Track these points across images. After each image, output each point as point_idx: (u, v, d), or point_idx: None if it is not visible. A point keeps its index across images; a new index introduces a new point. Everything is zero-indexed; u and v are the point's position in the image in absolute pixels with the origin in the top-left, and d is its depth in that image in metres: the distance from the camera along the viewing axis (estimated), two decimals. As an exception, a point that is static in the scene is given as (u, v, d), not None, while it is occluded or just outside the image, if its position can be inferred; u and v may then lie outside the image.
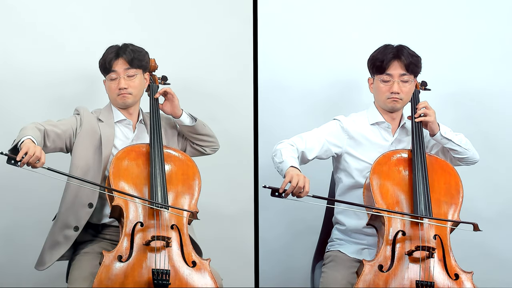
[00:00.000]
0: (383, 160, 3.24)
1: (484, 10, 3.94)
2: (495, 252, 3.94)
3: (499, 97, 3.94)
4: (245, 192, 3.90)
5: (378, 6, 3.95)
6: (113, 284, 2.96)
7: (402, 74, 3.29)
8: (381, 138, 3.36)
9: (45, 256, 3.25)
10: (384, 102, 3.33)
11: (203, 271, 3.08)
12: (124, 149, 3.23)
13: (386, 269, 3.06)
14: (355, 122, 3.37)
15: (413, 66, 3.29)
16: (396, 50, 3.30)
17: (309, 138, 3.29)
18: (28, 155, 2.95)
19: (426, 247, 3.06)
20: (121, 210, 3.09)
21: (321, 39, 3.93)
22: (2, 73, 3.70)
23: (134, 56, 3.27)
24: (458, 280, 3.08)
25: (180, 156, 3.31)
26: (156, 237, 3.03)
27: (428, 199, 3.16)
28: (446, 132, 3.33)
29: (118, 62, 3.28)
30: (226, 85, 3.91)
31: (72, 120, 3.30)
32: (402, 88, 3.29)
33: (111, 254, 3.02)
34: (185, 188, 3.22)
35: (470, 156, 3.39)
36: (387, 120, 3.36)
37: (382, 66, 3.29)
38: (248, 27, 3.89)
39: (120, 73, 3.27)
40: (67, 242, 3.22)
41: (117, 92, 3.29)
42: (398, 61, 3.28)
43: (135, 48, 3.31)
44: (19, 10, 3.70)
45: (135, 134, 3.36)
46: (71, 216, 3.22)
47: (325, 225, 3.53)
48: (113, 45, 3.32)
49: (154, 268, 3.00)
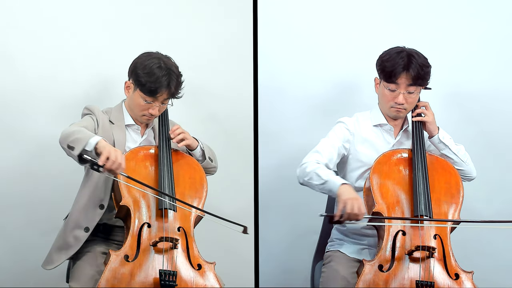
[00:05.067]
0: (383, 159, 3.24)
1: (486, 10, 3.94)
2: (495, 252, 3.94)
3: (499, 97, 3.94)
4: (245, 192, 3.90)
5: (379, 7, 3.95)
6: (119, 284, 2.97)
7: (409, 85, 3.26)
8: (383, 140, 3.36)
9: (54, 255, 3.24)
10: (388, 109, 3.33)
11: (208, 274, 3.09)
12: (132, 149, 3.23)
13: (386, 269, 3.06)
14: (359, 123, 3.37)
15: (421, 79, 3.25)
16: (407, 60, 3.24)
17: (325, 150, 3.27)
18: (111, 161, 2.93)
19: (426, 247, 3.06)
20: (128, 210, 3.09)
21: (322, 40, 3.93)
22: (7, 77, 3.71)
23: None
24: (459, 280, 3.07)
25: (187, 159, 3.30)
26: (164, 238, 3.04)
27: (429, 198, 3.16)
28: (444, 137, 3.33)
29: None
30: (226, 85, 3.91)
31: (90, 121, 3.24)
32: (408, 99, 3.27)
33: (117, 254, 3.02)
34: (192, 191, 3.22)
35: (466, 170, 3.36)
36: (390, 123, 3.36)
37: (391, 75, 3.25)
38: (248, 28, 3.89)
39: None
40: (77, 243, 3.20)
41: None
42: (407, 73, 3.24)
43: None
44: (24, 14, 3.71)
45: (144, 138, 3.34)
46: (83, 216, 3.21)
47: (325, 225, 3.53)
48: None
49: (161, 269, 3.00)
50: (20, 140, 3.68)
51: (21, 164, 3.70)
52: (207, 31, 3.89)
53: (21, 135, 3.68)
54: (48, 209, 3.72)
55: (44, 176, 3.72)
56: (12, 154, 3.68)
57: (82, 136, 3.01)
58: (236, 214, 3.90)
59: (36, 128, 3.69)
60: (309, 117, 3.91)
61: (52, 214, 3.70)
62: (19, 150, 3.69)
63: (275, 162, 3.94)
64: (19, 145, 3.69)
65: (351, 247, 3.32)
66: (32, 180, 3.72)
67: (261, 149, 3.86)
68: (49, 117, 3.69)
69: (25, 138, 3.69)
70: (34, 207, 3.73)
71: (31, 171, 3.71)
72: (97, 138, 3.01)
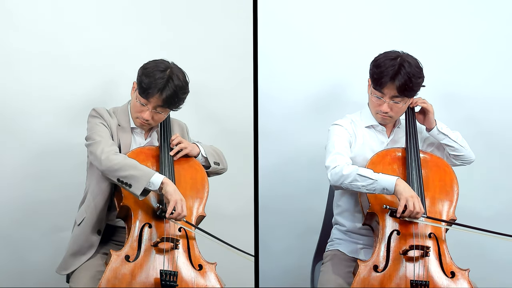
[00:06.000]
0: (377, 159, 3.23)
1: (486, 10, 3.94)
2: (494, 252, 3.94)
3: (499, 97, 3.94)
4: (245, 192, 3.90)
5: (379, 8, 3.95)
6: (120, 284, 2.97)
7: (394, 96, 3.20)
8: (377, 140, 3.35)
9: (69, 261, 3.21)
10: (375, 115, 3.31)
11: (209, 274, 3.09)
12: (134, 150, 3.22)
13: (381, 269, 3.05)
14: (353, 123, 3.36)
15: (408, 90, 3.18)
16: (397, 69, 3.16)
17: (343, 150, 3.22)
18: (177, 213, 3.03)
19: (420, 246, 3.06)
20: (129, 210, 3.09)
21: (322, 40, 3.93)
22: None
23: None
24: (454, 278, 3.06)
25: (189, 160, 3.30)
26: (165, 238, 3.04)
27: (423, 197, 3.15)
28: (442, 127, 3.34)
29: None
30: (226, 85, 3.91)
31: (106, 131, 3.21)
32: (393, 108, 3.23)
33: (118, 254, 3.02)
34: (193, 192, 3.22)
35: (466, 154, 3.38)
36: (381, 123, 3.35)
37: (377, 84, 3.20)
38: (248, 28, 3.89)
39: None
40: (92, 247, 3.20)
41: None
42: (393, 84, 3.16)
43: None
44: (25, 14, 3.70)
45: (147, 141, 3.33)
46: (96, 220, 3.20)
47: (325, 225, 3.53)
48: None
49: (162, 269, 3.00)
50: (21, 140, 3.68)
51: (22, 164, 3.69)
52: (207, 31, 3.89)
53: (22, 136, 3.68)
54: (48, 209, 3.72)
55: (45, 176, 3.71)
56: (12, 155, 3.69)
57: (139, 174, 3.02)
58: (236, 214, 3.93)
59: (37, 129, 3.69)
60: (309, 117, 3.91)
61: (52, 214, 3.71)
62: (20, 151, 3.69)
63: (275, 162, 3.94)
64: (20, 146, 3.68)
65: (349, 246, 3.32)
66: (33, 181, 3.71)
67: (261, 149, 3.86)
68: (50, 117, 3.69)
69: (26, 139, 3.68)
70: (34, 207, 3.72)
71: (32, 172, 3.70)
72: (159, 177, 3.03)
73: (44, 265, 3.63)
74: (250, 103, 3.90)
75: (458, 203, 3.64)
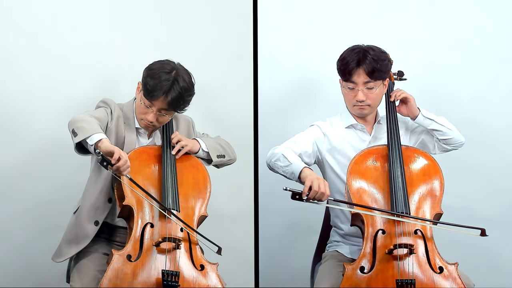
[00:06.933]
0: (359, 159, 3.20)
1: (486, 9, 3.95)
2: (495, 252, 3.95)
3: (499, 97, 3.94)
4: (245, 192, 3.90)
5: (379, 8, 3.96)
6: (122, 284, 2.96)
7: (366, 82, 3.21)
8: (358, 139, 3.33)
9: (64, 248, 3.22)
10: (352, 108, 3.29)
11: (211, 274, 3.09)
12: (136, 149, 3.21)
13: (368, 270, 3.02)
14: (332, 126, 3.34)
15: (377, 73, 3.19)
16: (361, 55, 3.19)
17: (301, 141, 3.25)
18: (123, 160, 2.91)
19: (404, 244, 3.01)
20: (131, 210, 3.08)
21: (322, 39, 3.93)
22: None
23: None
24: (443, 273, 3.02)
25: (191, 160, 3.29)
26: (167, 238, 3.03)
27: (406, 194, 3.10)
28: (427, 113, 3.31)
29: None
30: (226, 85, 3.91)
31: (104, 114, 3.19)
32: (368, 95, 3.23)
33: (120, 254, 3.01)
34: (196, 192, 3.22)
35: (455, 137, 3.34)
36: (360, 122, 3.33)
37: (346, 73, 3.21)
38: (248, 27, 3.89)
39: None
40: (87, 237, 3.19)
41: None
42: (361, 68, 3.18)
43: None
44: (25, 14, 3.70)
45: (150, 141, 3.32)
46: (94, 210, 3.20)
47: (325, 226, 3.52)
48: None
49: (164, 269, 3.00)
50: (21, 140, 3.68)
51: (22, 164, 3.69)
52: (207, 31, 3.89)
53: (22, 136, 3.68)
54: (48, 209, 3.72)
55: (45, 176, 3.71)
56: (13, 154, 3.68)
57: (88, 127, 2.98)
58: (236, 214, 3.93)
59: (37, 129, 3.69)
60: (309, 117, 3.90)
61: (52, 214, 3.70)
62: (20, 151, 3.69)
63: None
64: (20, 146, 3.68)
65: (348, 247, 3.31)
66: (33, 180, 3.71)
67: (261, 149, 3.86)
68: (50, 117, 3.69)
69: (26, 139, 3.68)
70: (34, 207, 3.72)
71: (32, 171, 3.70)
72: (102, 135, 2.98)
73: (44, 265, 3.62)
74: (250, 103, 3.90)
75: (458, 203, 3.67)
